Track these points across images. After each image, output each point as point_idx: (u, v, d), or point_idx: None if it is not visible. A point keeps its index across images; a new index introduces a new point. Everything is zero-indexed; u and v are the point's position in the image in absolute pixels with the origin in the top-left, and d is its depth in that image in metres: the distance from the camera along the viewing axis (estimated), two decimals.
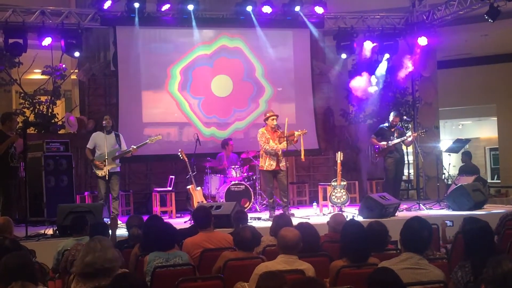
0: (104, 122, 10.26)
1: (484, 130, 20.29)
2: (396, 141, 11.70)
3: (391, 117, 12.01)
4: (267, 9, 12.62)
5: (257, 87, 13.24)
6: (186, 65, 12.84)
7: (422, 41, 13.02)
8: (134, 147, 10.31)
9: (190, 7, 12.22)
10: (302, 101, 13.51)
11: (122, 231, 8.17)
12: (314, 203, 11.51)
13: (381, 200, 9.95)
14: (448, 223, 7.64)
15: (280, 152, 10.21)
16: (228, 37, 13.10)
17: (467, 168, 14.16)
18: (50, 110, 12.68)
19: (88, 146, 10.42)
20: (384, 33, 13.48)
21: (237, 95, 13.13)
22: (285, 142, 10.05)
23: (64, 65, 12.78)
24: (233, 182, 11.39)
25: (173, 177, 11.96)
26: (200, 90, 12.93)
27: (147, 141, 10.51)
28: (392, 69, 13.59)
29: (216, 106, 13.00)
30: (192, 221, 7.27)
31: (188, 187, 11.18)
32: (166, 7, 12.13)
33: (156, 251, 5.31)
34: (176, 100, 12.77)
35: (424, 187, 13.81)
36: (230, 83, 13.10)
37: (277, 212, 9.78)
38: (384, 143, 11.76)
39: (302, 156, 10.31)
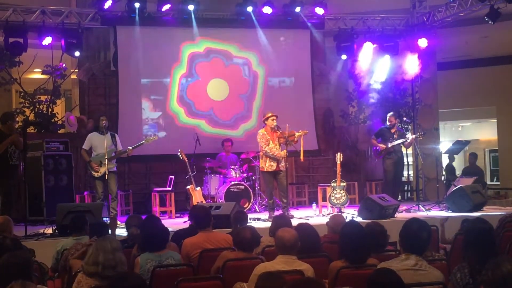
0: (101, 122, 10.26)
1: (484, 132, 20.30)
2: (395, 143, 11.70)
3: (387, 118, 12.02)
4: (267, 10, 12.63)
5: (246, 111, 13.26)
6: (186, 65, 12.88)
7: (422, 42, 13.03)
8: (130, 147, 10.28)
9: (191, 7, 12.23)
10: (302, 102, 13.53)
11: (121, 231, 8.17)
12: (314, 204, 11.51)
13: (381, 201, 9.96)
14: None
15: (281, 158, 10.18)
16: (238, 48, 13.19)
17: (472, 169, 14.20)
18: (50, 110, 12.68)
19: (84, 147, 10.38)
20: (384, 34, 13.49)
21: (225, 105, 13.15)
22: (286, 150, 10.06)
23: (64, 65, 12.79)
24: (232, 183, 11.40)
25: (173, 177, 11.96)
26: (199, 92, 12.97)
27: (143, 141, 10.47)
28: (392, 70, 13.61)
29: (212, 106, 13.04)
30: (190, 221, 7.26)
31: (187, 187, 11.18)
32: (166, 7, 12.13)
33: (147, 252, 5.31)
34: (177, 100, 12.82)
35: (423, 189, 13.81)
36: (226, 92, 13.14)
37: (277, 213, 9.78)
38: (383, 145, 11.77)
39: (302, 157, 10.31)
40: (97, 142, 10.22)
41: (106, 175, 9.89)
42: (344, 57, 13.55)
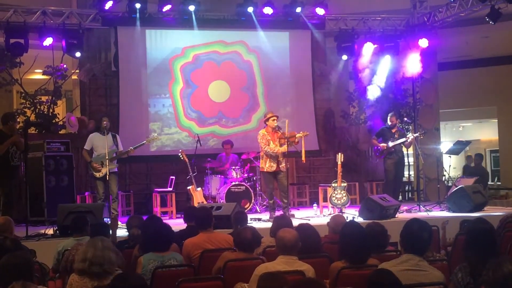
0: (103, 123, 10.24)
1: (485, 132, 20.29)
2: (396, 142, 11.68)
3: (388, 118, 12.02)
4: (268, 10, 12.64)
5: (252, 102, 13.31)
6: (181, 79, 12.92)
7: (423, 42, 13.03)
8: (132, 148, 10.27)
9: (191, 8, 12.24)
10: (302, 102, 13.55)
11: (122, 232, 8.17)
12: (315, 204, 11.50)
13: (381, 201, 9.95)
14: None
15: (281, 154, 10.18)
16: (223, 44, 13.19)
17: (477, 170, 14.18)
18: (51, 110, 12.67)
19: (85, 147, 10.34)
20: (385, 34, 13.50)
21: (231, 103, 13.19)
22: (286, 145, 10.06)
23: (65, 65, 12.76)
24: (233, 183, 11.39)
25: (174, 177, 11.96)
26: (202, 100, 13.03)
27: (144, 141, 10.45)
28: (393, 71, 13.61)
29: (219, 109, 13.10)
30: (185, 222, 7.24)
31: (188, 187, 11.18)
32: (167, 7, 12.14)
33: (151, 252, 5.31)
34: (184, 116, 12.91)
35: (424, 189, 13.79)
36: (228, 90, 13.17)
37: (278, 213, 9.78)
38: (384, 144, 11.75)
39: (303, 158, 10.31)
40: (98, 142, 10.21)
41: (107, 176, 9.89)
42: (344, 57, 13.57)
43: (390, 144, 11.67)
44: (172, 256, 5.35)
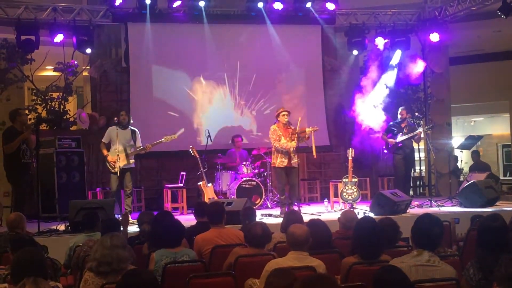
0: (120, 117, 10.23)
1: (497, 127, 20.15)
2: (404, 137, 11.59)
3: (399, 111, 11.95)
4: (278, 6, 12.61)
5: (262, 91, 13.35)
6: (197, 60, 12.90)
7: (434, 37, 12.96)
8: (149, 144, 10.25)
9: (202, 3, 12.24)
10: (313, 98, 13.52)
11: (133, 228, 8.18)
12: (325, 200, 11.47)
13: (393, 196, 9.92)
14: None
15: (292, 149, 10.15)
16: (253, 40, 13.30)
17: (480, 166, 14.11)
18: (62, 107, 12.73)
19: (103, 140, 10.32)
20: (395, 29, 13.43)
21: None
22: (295, 140, 10.03)
23: (75, 62, 12.82)
24: (244, 179, 11.38)
25: (184, 173, 11.96)
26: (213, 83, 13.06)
27: (162, 139, 10.37)
28: (404, 66, 13.53)
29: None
30: (196, 218, 7.23)
31: (199, 183, 11.18)
32: (177, 3, 12.15)
33: (163, 248, 5.30)
34: (189, 95, 12.85)
35: (435, 184, 13.73)
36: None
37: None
38: (392, 140, 11.68)
39: (314, 153, 10.26)
40: (115, 136, 10.17)
41: (124, 171, 9.91)
42: (355, 52, 13.50)
43: (399, 138, 11.60)
44: (184, 252, 5.33)
